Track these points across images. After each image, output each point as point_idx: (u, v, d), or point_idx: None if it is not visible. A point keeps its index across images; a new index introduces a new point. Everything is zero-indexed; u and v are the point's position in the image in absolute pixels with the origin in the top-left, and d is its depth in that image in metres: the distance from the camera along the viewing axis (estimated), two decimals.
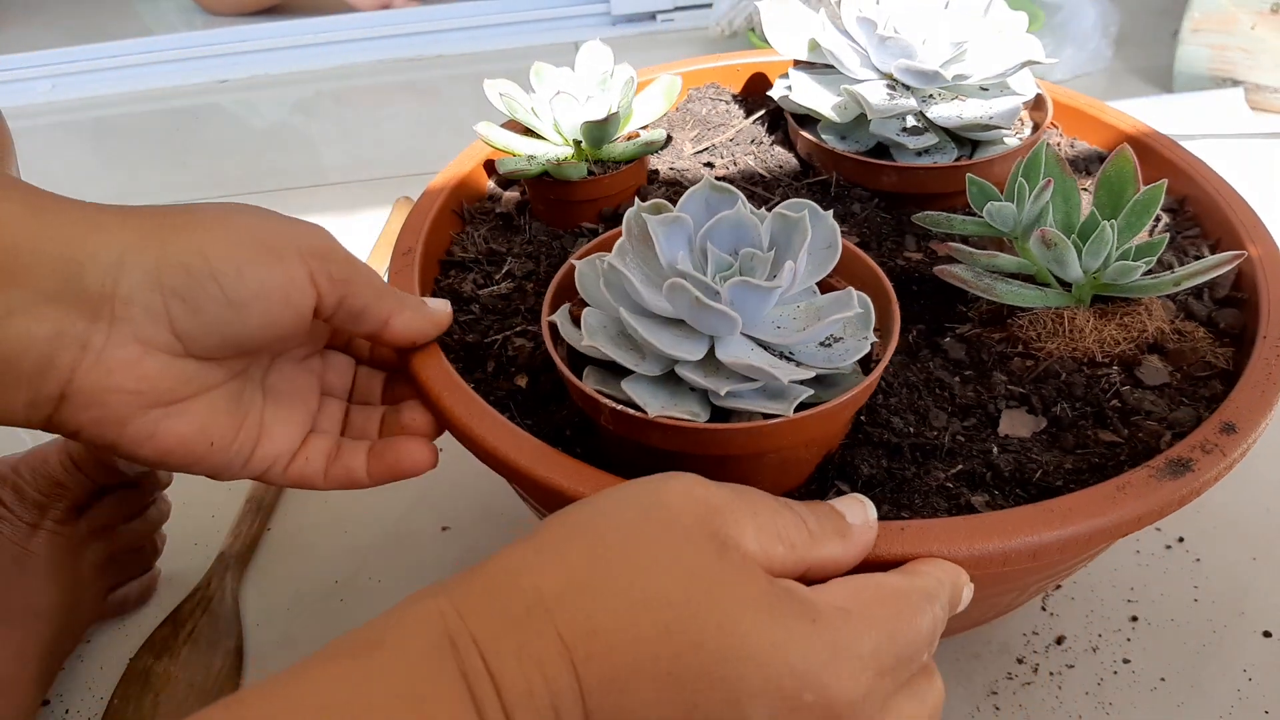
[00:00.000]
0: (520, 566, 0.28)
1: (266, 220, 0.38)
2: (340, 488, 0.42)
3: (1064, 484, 0.39)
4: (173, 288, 0.34)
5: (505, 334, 0.47)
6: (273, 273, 0.36)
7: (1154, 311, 0.46)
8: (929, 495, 0.39)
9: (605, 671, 0.26)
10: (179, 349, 0.36)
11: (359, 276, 0.39)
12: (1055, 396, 0.43)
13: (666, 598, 0.27)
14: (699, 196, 0.40)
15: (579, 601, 0.27)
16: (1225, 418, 0.40)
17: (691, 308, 0.36)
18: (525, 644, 0.26)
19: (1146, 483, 0.37)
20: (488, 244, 0.53)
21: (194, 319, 0.35)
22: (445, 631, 0.26)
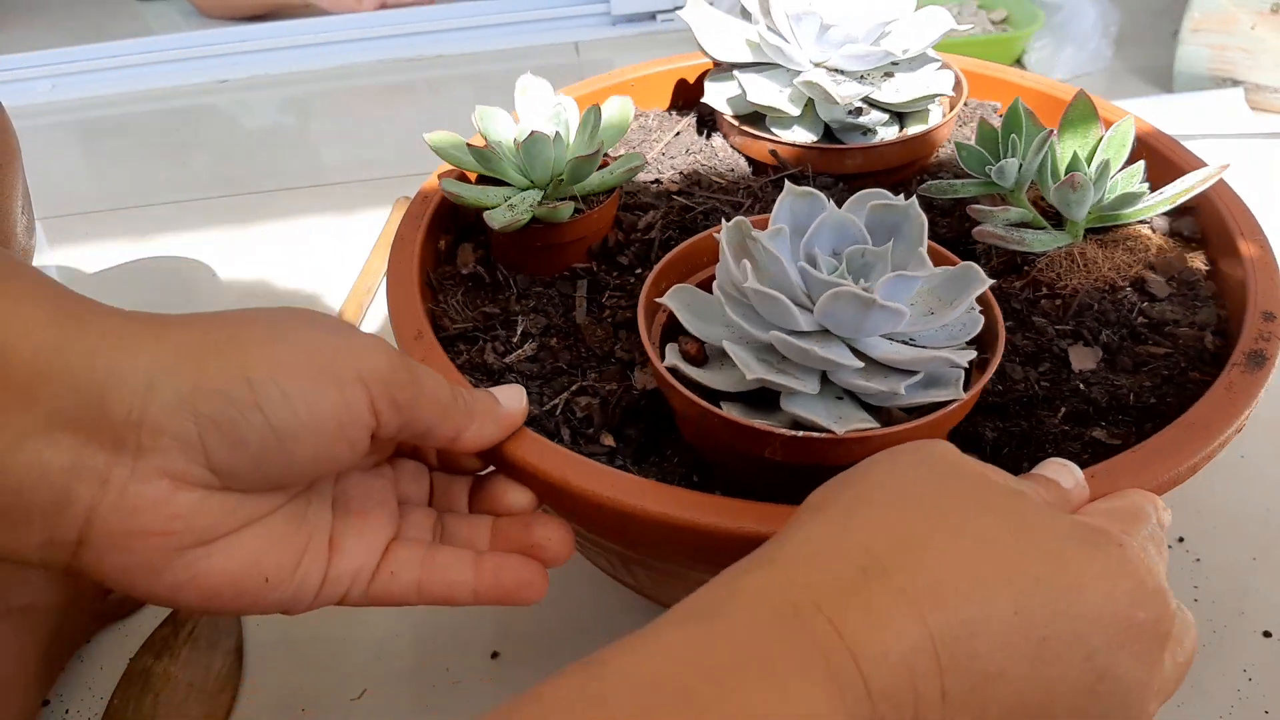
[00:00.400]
0: (836, 533, 0.28)
1: (325, 337, 0.33)
2: (437, 604, 0.37)
3: (1157, 401, 0.43)
4: (210, 416, 0.30)
5: (563, 396, 0.43)
6: (327, 401, 0.31)
7: (1143, 233, 0.50)
8: (1058, 441, 0.41)
9: (954, 620, 0.26)
10: (216, 483, 0.31)
11: (423, 397, 0.34)
12: (1097, 326, 0.46)
13: (996, 542, 0.27)
14: (785, 205, 0.39)
15: (913, 556, 0.27)
16: (1262, 309, 0.44)
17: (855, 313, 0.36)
18: (871, 602, 0.26)
19: (1244, 378, 0.40)
20: (477, 309, 0.49)
21: (232, 452, 0.30)
22: (785, 600, 0.26)
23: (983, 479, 0.29)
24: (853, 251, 0.38)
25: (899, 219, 0.39)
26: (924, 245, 0.38)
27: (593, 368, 0.45)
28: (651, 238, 0.52)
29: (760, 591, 0.26)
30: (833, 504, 0.29)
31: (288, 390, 0.31)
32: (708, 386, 0.39)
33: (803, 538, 0.28)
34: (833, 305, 0.36)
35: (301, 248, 0.93)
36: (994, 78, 0.64)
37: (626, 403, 0.43)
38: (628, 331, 0.47)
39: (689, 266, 0.45)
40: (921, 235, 0.38)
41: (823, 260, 0.38)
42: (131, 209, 1.02)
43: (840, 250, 0.39)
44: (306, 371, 0.31)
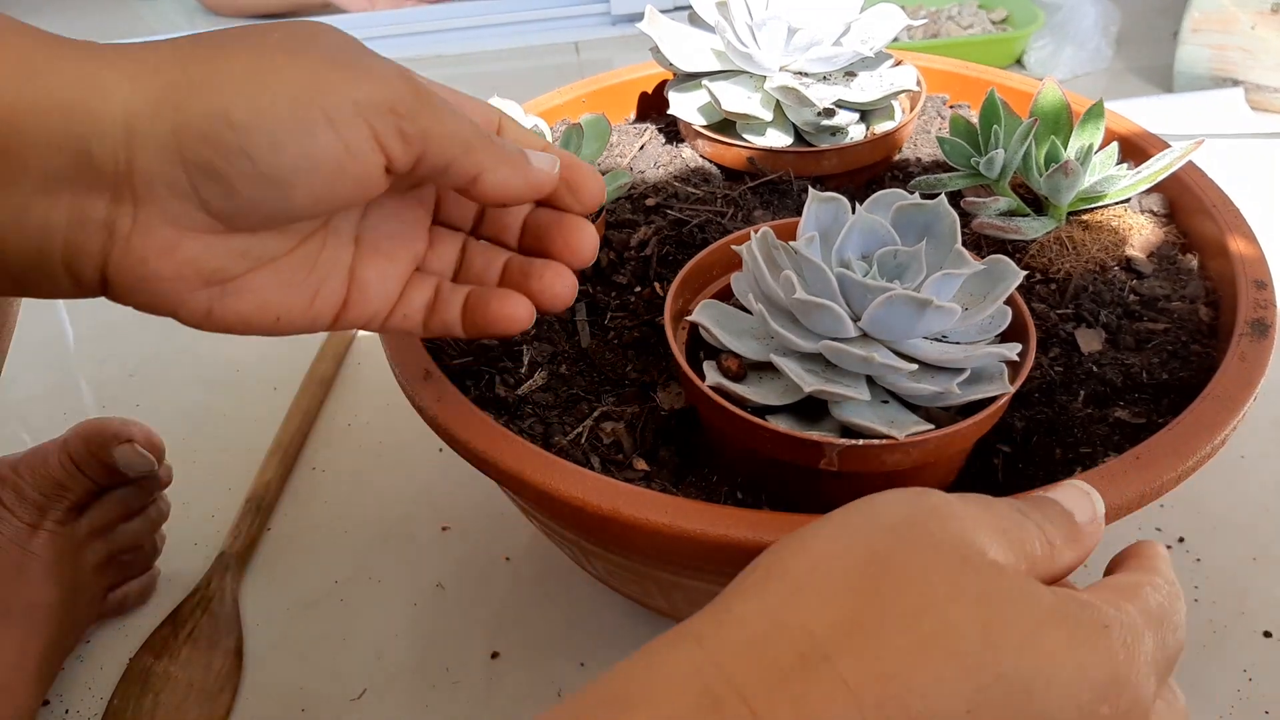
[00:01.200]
0: (779, 606, 0.25)
1: (317, 66, 0.30)
2: (440, 336, 0.37)
3: (1169, 376, 0.43)
4: (197, 164, 0.28)
5: (586, 424, 0.43)
6: (321, 142, 0.29)
7: (1120, 213, 0.52)
8: (1086, 425, 0.42)
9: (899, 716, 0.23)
10: (219, 227, 0.30)
11: (441, 127, 0.31)
12: (1095, 307, 0.47)
13: (958, 628, 0.24)
14: (812, 212, 0.39)
15: (861, 643, 0.24)
16: (1253, 278, 0.45)
17: (909, 315, 0.35)
18: (804, 695, 0.23)
19: (1252, 346, 0.41)
20: (474, 342, 0.48)
21: (227, 198, 0.29)
22: (705, 690, 0.23)
23: (961, 552, 0.26)
24: (884, 254, 0.38)
25: (929, 218, 0.39)
26: (958, 242, 0.38)
27: (609, 391, 0.45)
28: (648, 254, 0.52)
29: (679, 680, 0.24)
30: (781, 574, 0.26)
31: (274, 133, 0.28)
32: (754, 402, 0.38)
33: (740, 613, 0.25)
34: (886, 310, 0.35)
35: None
36: (935, 70, 0.66)
37: (654, 425, 0.42)
38: (637, 352, 0.46)
39: (701, 281, 0.45)
40: (955, 232, 0.38)
41: (855, 265, 0.38)
42: None
43: (869, 254, 0.39)
44: (294, 110, 0.29)
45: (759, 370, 0.40)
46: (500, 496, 0.62)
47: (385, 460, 0.68)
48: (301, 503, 0.66)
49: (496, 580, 0.59)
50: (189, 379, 0.77)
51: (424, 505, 0.64)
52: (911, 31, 1.12)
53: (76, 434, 0.53)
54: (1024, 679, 0.24)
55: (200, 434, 0.71)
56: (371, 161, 0.30)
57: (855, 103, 0.58)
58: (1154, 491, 0.37)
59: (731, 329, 0.41)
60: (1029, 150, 0.50)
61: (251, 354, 0.79)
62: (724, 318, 0.41)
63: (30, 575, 0.52)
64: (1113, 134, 0.58)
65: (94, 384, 0.78)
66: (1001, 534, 0.27)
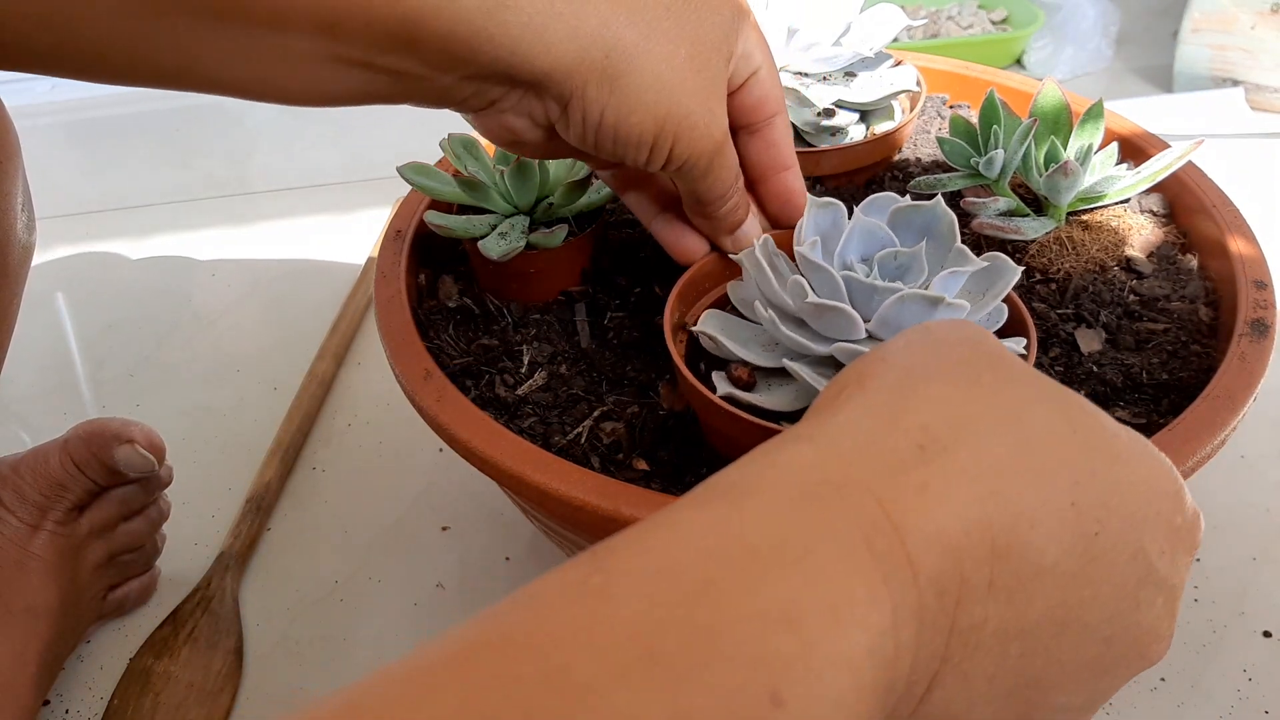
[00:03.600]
0: (889, 409, 0.25)
1: (679, 88, 0.37)
2: None
3: (1169, 376, 0.44)
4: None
5: (586, 424, 0.43)
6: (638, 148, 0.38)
7: (1120, 212, 0.52)
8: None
9: (1013, 507, 0.24)
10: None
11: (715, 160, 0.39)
12: (1095, 307, 0.47)
13: (1052, 430, 0.26)
14: (811, 217, 0.40)
15: (973, 438, 0.25)
16: (1252, 278, 0.45)
17: (920, 314, 0.36)
18: (928, 480, 0.24)
19: (1253, 347, 0.42)
20: (474, 342, 0.48)
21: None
22: (826, 478, 0.23)
23: (1031, 370, 0.28)
24: (884, 256, 0.38)
25: (928, 219, 0.39)
26: (958, 241, 0.38)
27: (609, 392, 0.45)
28: (646, 255, 0.52)
29: (799, 469, 0.24)
30: (878, 379, 0.27)
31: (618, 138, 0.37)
32: (767, 409, 0.38)
33: (849, 415, 0.26)
34: (898, 310, 0.36)
35: (301, 248, 0.93)
36: (935, 70, 0.66)
37: (653, 424, 0.42)
38: (638, 352, 0.46)
39: (697, 291, 0.45)
40: (954, 232, 0.38)
41: (857, 267, 0.38)
42: (131, 209, 1.02)
43: (869, 256, 0.39)
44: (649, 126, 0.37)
45: (768, 377, 0.40)
46: (500, 496, 0.62)
47: (385, 460, 0.68)
48: (301, 503, 0.66)
49: (496, 580, 0.59)
50: (189, 379, 0.77)
51: (424, 505, 0.64)
52: (911, 31, 1.12)
53: (77, 434, 0.53)
54: (1115, 479, 0.25)
55: (200, 434, 0.71)
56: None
57: (855, 103, 0.58)
58: None
59: (738, 337, 0.41)
60: (1029, 150, 0.50)
61: (251, 354, 0.79)
62: (729, 326, 0.41)
63: (31, 575, 0.52)
64: (1113, 134, 0.58)
65: (94, 384, 0.78)
66: None
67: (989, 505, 0.24)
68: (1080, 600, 0.25)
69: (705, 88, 0.38)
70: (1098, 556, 0.25)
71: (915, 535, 0.23)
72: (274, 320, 0.83)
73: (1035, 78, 0.71)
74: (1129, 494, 0.26)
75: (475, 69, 0.35)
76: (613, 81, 0.35)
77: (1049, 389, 0.27)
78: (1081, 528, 0.25)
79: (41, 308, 0.87)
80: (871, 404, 0.26)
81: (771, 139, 0.43)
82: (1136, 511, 0.26)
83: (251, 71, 0.34)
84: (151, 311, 0.86)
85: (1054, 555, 0.24)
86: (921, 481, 0.24)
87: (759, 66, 0.40)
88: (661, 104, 0.37)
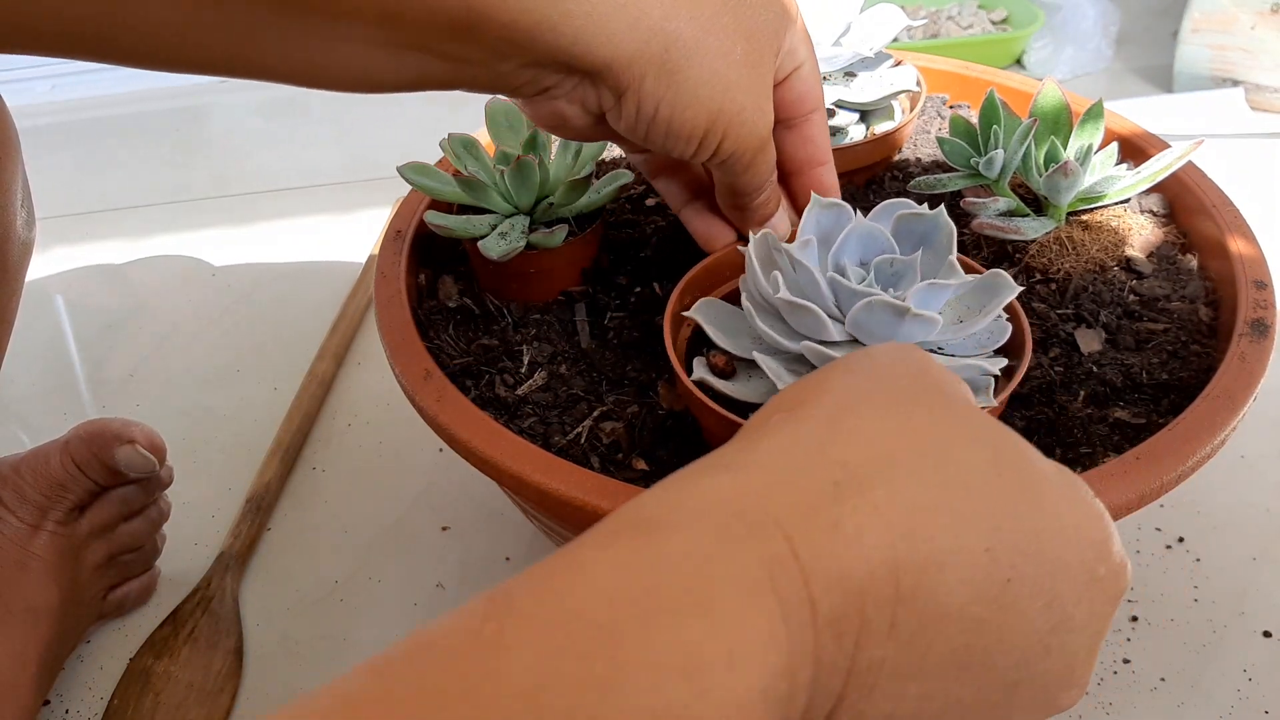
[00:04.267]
0: (814, 442, 0.25)
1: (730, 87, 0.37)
2: None
3: (1169, 376, 0.44)
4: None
5: (585, 424, 0.43)
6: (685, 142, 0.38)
7: (1120, 213, 0.52)
8: (1084, 425, 0.42)
9: (925, 549, 0.23)
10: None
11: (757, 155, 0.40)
12: (1094, 307, 0.47)
13: (978, 472, 0.25)
14: (812, 216, 0.40)
15: (893, 476, 0.24)
16: (1252, 278, 0.45)
17: (889, 322, 0.36)
18: (841, 519, 0.23)
19: (1252, 346, 0.42)
20: (474, 342, 0.48)
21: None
22: (739, 515, 0.23)
23: (969, 406, 0.28)
24: (881, 261, 0.38)
25: (927, 228, 0.39)
26: (953, 253, 0.38)
27: (609, 392, 0.45)
28: (646, 256, 0.51)
29: (713, 503, 0.24)
30: (809, 408, 0.26)
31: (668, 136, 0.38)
32: (736, 399, 0.38)
33: (774, 444, 0.25)
34: (866, 315, 0.36)
35: (301, 248, 0.93)
36: (935, 70, 0.66)
37: (652, 424, 0.43)
38: (638, 352, 0.46)
39: (711, 281, 0.45)
40: (951, 244, 0.38)
41: (851, 270, 0.38)
42: (131, 209, 1.02)
43: (868, 260, 0.39)
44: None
45: (749, 368, 0.40)
46: (500, 496, 0.62)
47: (385, 460, 0.68)
48: (301, 503, 0.66)
49: (496, 580, 0.59)
50: (189, 379, 0.77)
51: (424, 505, 0.64)
52: (911, 31, 1.12)
53: (77, 435, 0.53)
54: (1035, 526, 0.25)
55: (200, 434, 0.71)
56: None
57: (855, 103, 0.58)
58: (1154, 491, 0.37)
59: (727, 327, 0.41)
60: (1029, 150, 0.50)
61: (251, 354, 0.79)
62: (722, 316, 0.41)
63: (31, 575, 0.52)
64: (1113, 134, 0.58)
65: (94, 384, 0.78)
66: (958, 386, 0.29)
67: (900, 547, 0.23)
68: (985, 645, 0.24)
69: (758, 84, 0.38)
70: (1009, 604, 0.24)
71: (820, 576, 0.22)
72: (274, 320, 0.83)
73: (1035, 78, 0.71)
74: (1049, 541, 0.25)
75: (535, 56, 0.35)
76: (671, 75, 0.36)
77: (983, 429, 0.27)
78: (994, 573, 0.24)
79: (41, 308, 0.87)
80: (798, 435, 0.26)
81: (809, 134, 0.43)
82: (1055, 558, 0.25)
83: (305, 59, 0.33)
84: (151, 311, 0.86)
85: (962, 599, 0.24)
86: (833, 520, 0.23)
87: (802, 62, 0.40)
88: (716, 99, 0.37)
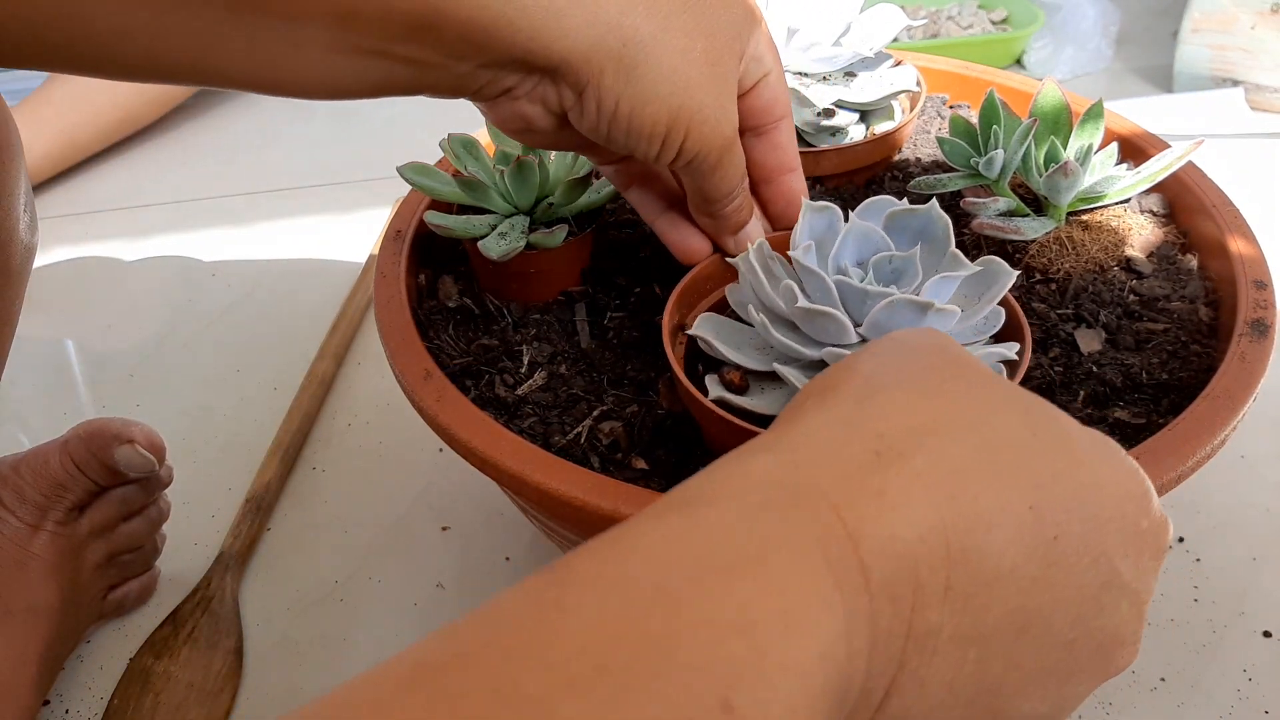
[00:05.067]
0: (848, 418, 0.26)
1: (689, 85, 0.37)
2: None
3: (1169, 376, 0.44)
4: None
5: (585, 424, 0.43)
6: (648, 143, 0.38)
7: (1120, 212, 0.52)
8: (1086, 425, 0.41)
9: (971, 511, 0.24)
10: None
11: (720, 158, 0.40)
12: (1094, 307, 0.47)
13: (1014, 434, 0.26)
14: (806, 222, 0.40)
15: (932, 443, 0.25)
16: (1252, 278, 0.45)
17: (910, 319, 0.36)
18: (885, 486, 0.24)
19: (1252, 346, 0.42)
20: (473, 342, 0.48)
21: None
22: (784, 486, 0.24)
23: (996, 376, 0.28)
24: (879, 259, 0.38)
25: (923, 223, 0.39)
26: (952, 245, 0.38)
27: (608, 391, 0.45)
28: (646, 256, 0.51)
29: (756, 478, 0.24)
30: (841, 390, 0.27)
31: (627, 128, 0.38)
32: (758, 413, 0.38)
33: (809, 424, 0.26)
34: (888, 314, 0.36)
35: (301, 248, 0.93)
36: (935, 70, 0.66)
37: (652, 423, 0.43)
38: (637, 352, 0.46)
39: (699, 292, 0.45)
40: (948, 236, 0.38)
41: (852, 272, 0.38)
42: (131, 209, 1.02)
43: (865, 260, 0.39)
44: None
45: (761, 380, 0.40)
46: (500, 496, 0.62)
47: (385, 460, 0.68)
48: (301, 503, 0.66)
49: (496, 580, 0.59)
50: (189, 379, 0.77)
51: (424, 505, 0.64)
52: (911, 31, 1.12)
53: (77, 434, 0.53)
54: (1076, 482, 0.25)
55: (200, 434, 0.71)
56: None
57: (855, 103, 0.58)
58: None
59: (731, 341, 0.41)
60: (1029, 150, 0.50)
61: (251, 354, 0.79)
62: (723, 330, 0.41)
63: (31, 576, 0.52)
64: (1113, 134, 0.58)
65: (94, 384, 0.78)
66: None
67: (945, 510, 0.24)
68: (1040, 605, 0.25)
69: (719, 84, 0.38)
70: (1058, 560, 0.25)
71: (869, 541, 0.23)
72: (274, 320, 0.83)
73: (1035, 78, 0.71)
74: (1091, 497, 0.26)
75: (493, 56, 0.35)
76: (629, 71, 0.36)
77: (1012, 395, 0.27)
78: (1041, 531, 0.25)
79: (41, 308, 0.87)
80: (832, 413, 0.26)
81: (778, 141, 0.43)
82: (1099, 515, 0.26)
83: (269, 64, 0.34)
84: (151, 311, 0.86)
85: (1012, 559, 0.24)
86: (878, 487, 0.24)
87: (769, 70, 0.41)
88: (676, 96, 0.37)
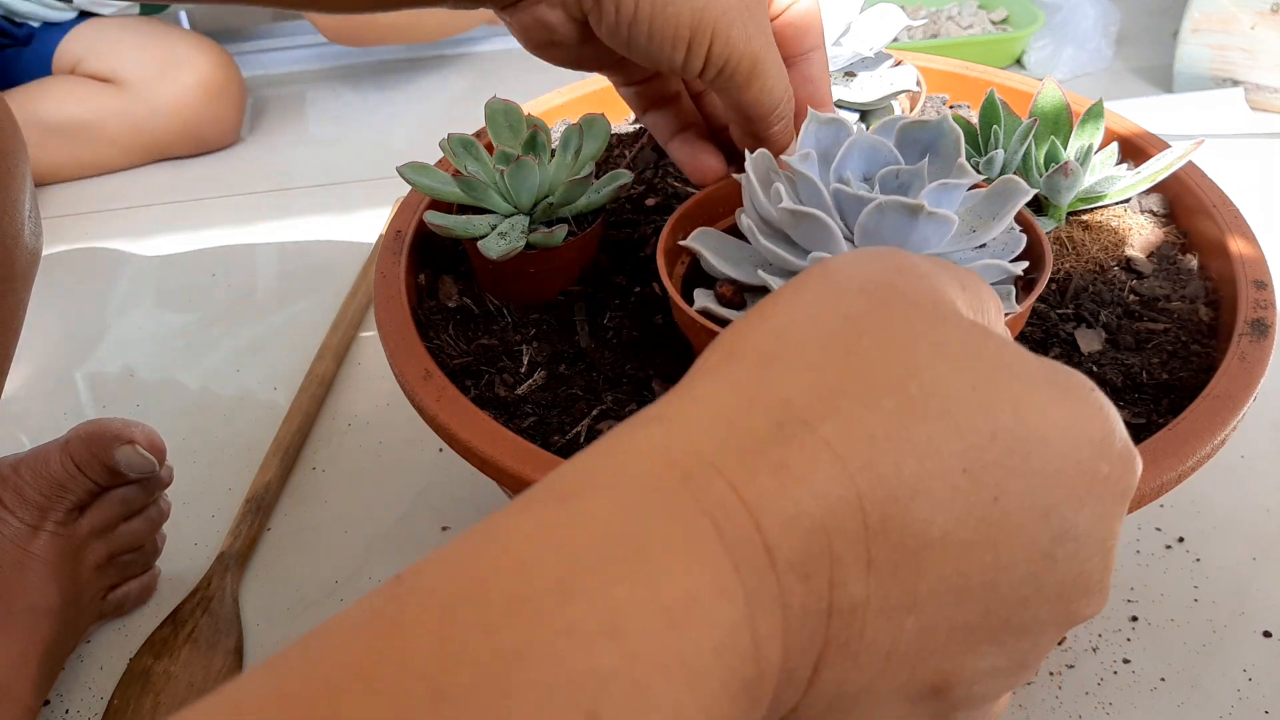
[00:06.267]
0: (748, 383, 0.23)
1: None
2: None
3: (1169, 376, 0.44)
4: None
5: (585, 423, 0.43)
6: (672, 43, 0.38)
7: (1119, 213, 0.52)
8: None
9: (890, 478, 0.21)
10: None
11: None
12: (1095, 307, 0.47)
13: (946, 389, 0.23)
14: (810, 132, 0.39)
15: (844, 407, 0.22)
16: (1252, 278, 0.45)
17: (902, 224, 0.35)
18: (785, 461, 0.21)
19: (1252, 346, 0.42)
20: (474, 342, 0.48)
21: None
22: (672, 464, 0.21)
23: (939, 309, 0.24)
24: (886, 174, 0.37)
25: (932, 136, 0.38)
26: (961, 157, 0.37)
27: (607, 391, 0.45)
28: (645, 255, 0.51)
29: (642, 456, 0.22)
30: (745, 347, 0.24)
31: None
32: None
33: (707, 390, 0.23)
34: (877, 218, 0.34)
35: (301, 248, 0.93)
36: (935, 70, 0.66)
37: None
38: (636, 351, 0.46)
39: (705, 218, 0.45)
40: (958, 148, 0.37)
41: (855, 184, 0.37)
42: (131, 209, 1.02)
43: (872, 175, 0.38)
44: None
45: (756, 296, 0.40)
46: (500, 496, 0.62)
47: (385, 460, 0.68)
48: (301, 503, 0.66)
49: None
50: (189, 379, 0.77)
51: (424, 505, 0.64)
52: (911, 31, 1.12)
53: (78, 435, 0.53)
54: (1019, 437, 0.23)
55: (200, 434, 0.71)
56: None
57: (855, 103, 0.58)
58: (1154, 491, 0.37)
59: (729, 256, 0.40)
60: (1029, 150, 0.50)
61: (251, 354, 0.79)
62: (721, 245, 0.41)
63: (31, 576, 0.52)
64: (1113, 134, 0.58)
65: (94, 384, 0.78)
66: (962, 290, 0.26)
67: (860, 479, 0.21)
68: (981, 567, 0.23)
69: None
70: (998, 521, 0.22)
71: (771, 518, 0.21)
72: (274, 320, 0.83)
73: (1035, 78, 0.71)
74: (1037, 450, 0.23)
75: None
76: None
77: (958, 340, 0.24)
78: (977, 494, 0.22)
79: (42, 308, 0.87)
80: (734, 376, 0.23)
81: (809, 74, 0.42)
82: (1046, 468, 0.23)
83: None
84: (152, 311, 0.86)
85: (943, 525, 0.22)
86: (779, 460, 0.21)
87: None
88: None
